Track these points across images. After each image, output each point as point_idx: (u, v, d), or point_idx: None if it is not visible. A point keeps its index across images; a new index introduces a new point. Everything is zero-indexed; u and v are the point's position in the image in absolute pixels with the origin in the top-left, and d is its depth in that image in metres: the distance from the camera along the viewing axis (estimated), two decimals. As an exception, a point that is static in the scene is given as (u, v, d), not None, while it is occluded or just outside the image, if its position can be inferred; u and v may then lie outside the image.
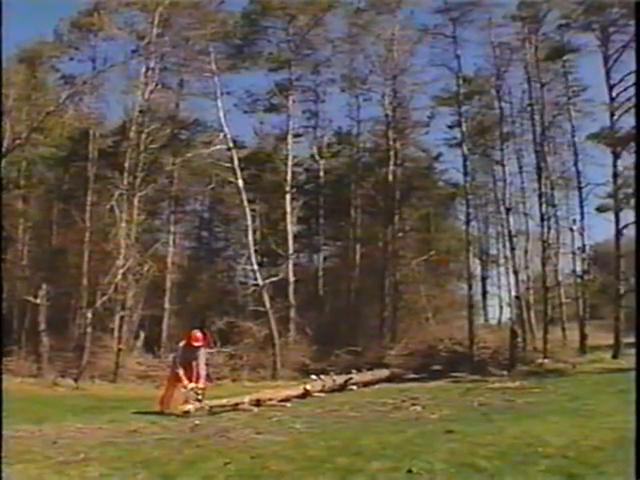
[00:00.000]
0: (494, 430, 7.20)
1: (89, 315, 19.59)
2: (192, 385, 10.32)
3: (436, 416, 9.05)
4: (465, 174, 24.50)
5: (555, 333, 22.12)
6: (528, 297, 23.83)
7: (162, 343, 23.24)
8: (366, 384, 15.37)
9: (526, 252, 23.76)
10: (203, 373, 10.62)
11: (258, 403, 11.03)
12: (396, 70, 25.79)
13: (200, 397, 10.29)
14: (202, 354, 10.75)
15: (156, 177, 24.47)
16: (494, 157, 25.96)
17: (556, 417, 8.08)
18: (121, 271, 19.96)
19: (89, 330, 19.52)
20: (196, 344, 10.60)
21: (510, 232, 23.59)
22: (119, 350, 19.59)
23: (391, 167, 26.09)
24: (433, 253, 26.62)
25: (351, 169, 28.88)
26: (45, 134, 23.91)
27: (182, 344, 10.82)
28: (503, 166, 24.30)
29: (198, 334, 10.82)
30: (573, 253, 23.48)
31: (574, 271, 23.68)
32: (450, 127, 27.88)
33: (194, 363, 10.56)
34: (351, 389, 14.40)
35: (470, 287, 24.59)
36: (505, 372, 18.27)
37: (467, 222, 25.00)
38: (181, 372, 10.36)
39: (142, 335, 23.02)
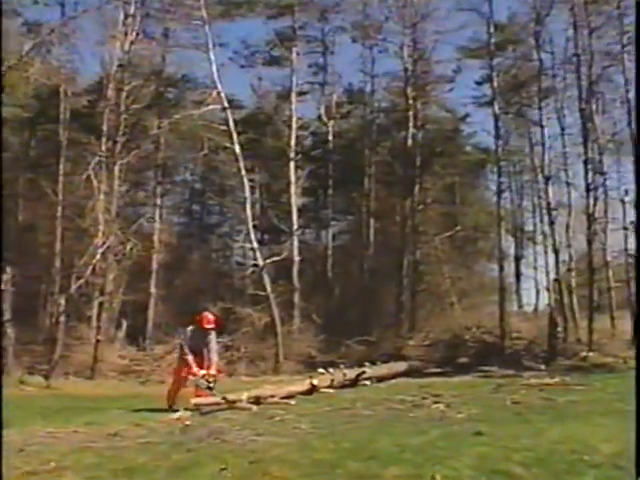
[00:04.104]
0: (531, 433, 7.13)
1: (62, 302, 19.67)
2: (203, 372, 10.55)
3: (463, 416, 9.03)
4: (497, 137, 24.26)
5: (602, 322, 22.01)
6: (570, 280, 23.67)
7: (147, 333, 23.41)
8: (381, 379, 15.39)
9: (568, 228, 23.51)
10: (215, 359, 10.86)
11: (258, 401, 11.04)
12: (416, 16, 25.46)
13: (212, 385, 10.50)
14: (213, 339, 10.98)
15: (139, 142, 24.34)
16: (531, 117, 25.68)
17: (604, 419, 7.99)
18: (100, 251, 19.96)
19: (62, 319, 19.60)
20: (208, 327, 10.83)
21: (549, 204, 23.39)
22: (97, 342, 19.68)
23: (410, 130, 25.99)
24: (459, 228, 26.52)
25: (364, 132, 28.79)
26: (7, 92, 23.73)
27: (191, 328, 10.98)
28: (542, 127, 24.03)
29: (210, 316, 11.07)
30: (624, 228, 23.18)
31: (625, 250, 23.45)
32: (479, 83, 27.73)
33: (205, 350, 10.80)
34: (364, 384, 14.43)
35: (502, 268, 24.51)
36: (543, 366, 18.32)
37: (499, 193, 24.84)
38: (190, 358, 10.58)
39: (124, 324, 23.16)
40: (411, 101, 26.02)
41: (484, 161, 29.72)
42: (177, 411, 10.11)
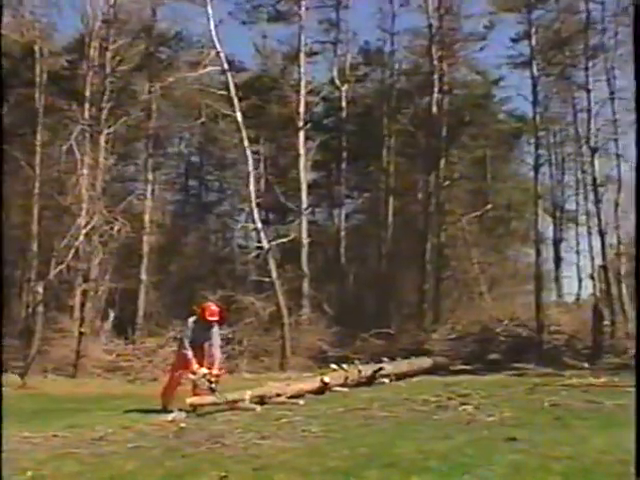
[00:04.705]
0: (573, 440, 7.11)
1: (40, 290, 19.69)
2: (204, 370, 10.59)
3: (494, 419, 9.01)
4: (535, 103, 24.05)
5: (657, 314, 21.93)
6: (619, 266, 23.51)
7: (137, 325, 23.50)
8: (401, 376, 15.36)
9: (617, 206, 23.32)
10: (219, 355, 10.98)
11: (262, 400, 11.09)
12: (444, -38, 25.27)
13: (214, 386, 10.53)
14: (216, 332, 11.08)
15: (127, 109, 24.32)
16: (576, 79, 25.37)
17: (658, 426, 7.96)
18: (83, 232, 19.96)
19: (40, 309, 19.65)
20: (211, 319, 10.91)
21: (595, 180, 23.20)
22: (81, 334, 19.70)
23: (435, 95, 25.95)
24: (490, 207, 26.39)
25: (383, 98, 28.69)
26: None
27: (192, 320, 11.07)
28: (588, 92, 23.74)
29: (214, 307, 11.17)
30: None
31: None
32: (515, 40, 27.38)
33: (206, 344, 10.89)
34: (382, 382, 14.45)
35: (539, 252, 24.39)
36: (586, 364, 18.27)
37: (536, 167, 24.64)
38: (190, 354, 10.65)
39: (111, 315, 23.21)
40: (436, 62, 25.90)
41: (520, 131, 29.50)
42: (171, 412, 10.16)
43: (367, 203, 32.24)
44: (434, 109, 25.86)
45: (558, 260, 30.18)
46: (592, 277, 24.96)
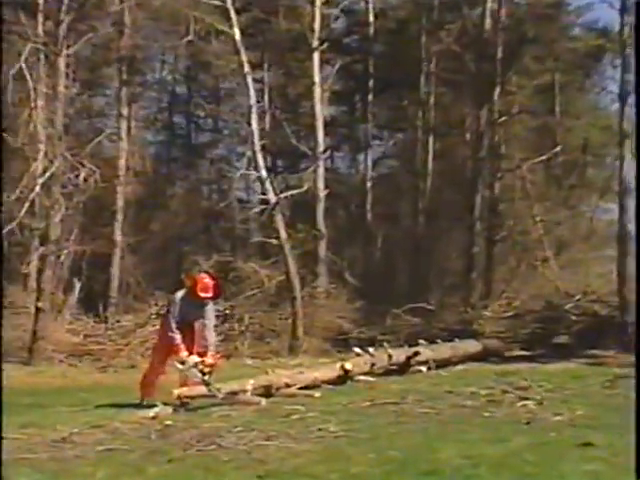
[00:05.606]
0: (667, 447, 7.08)
1: (-15, 255, 19.84)
2: (195, 359, 10.64)
3: (562, 418, 9.01)
4: (623, 11, 23.40)
5: None
6: None
7: (111, 298, 23.66)
8: (443, 363, 15.46)
9: None
10: (212, 340, 11.05)
11: (268, 392, 11.17)
12: None
13: (206, 377, 10.58)
14: (211, 310, 11.19)
15: (94, 24, 24.13)
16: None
17: None
18: (40, 181, 20.00)
19: (-15, 279, 19.82)
20: (204, 295, 10.93)
21: (698, 114, 22.86)
22: (38, 310, 19.90)
23: (490, 4, 25.52)
24: (559, 150, 26.10)
25: (421, 10, 28.20)
26: None
27: (181, 295, 11.10)
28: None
29: (207, 280, 11.15)
30: None
31: None
32: None
33: (198, 324, 10.98)
34: (419, 370, 14.58)
35: (623, 208, 24.08)
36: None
37: (621, 98, 24.17)
38: (177, 338, 10.69)
39: (77, 286, 23.38)
40: (491, -39, 25.52)
41: (600, 49, 28.86)
42: (154, 406, 10.23)
43: (400, 145, 32.14)
44: (487, 23, 25.54)
45: (647, 218, 29.95)
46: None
